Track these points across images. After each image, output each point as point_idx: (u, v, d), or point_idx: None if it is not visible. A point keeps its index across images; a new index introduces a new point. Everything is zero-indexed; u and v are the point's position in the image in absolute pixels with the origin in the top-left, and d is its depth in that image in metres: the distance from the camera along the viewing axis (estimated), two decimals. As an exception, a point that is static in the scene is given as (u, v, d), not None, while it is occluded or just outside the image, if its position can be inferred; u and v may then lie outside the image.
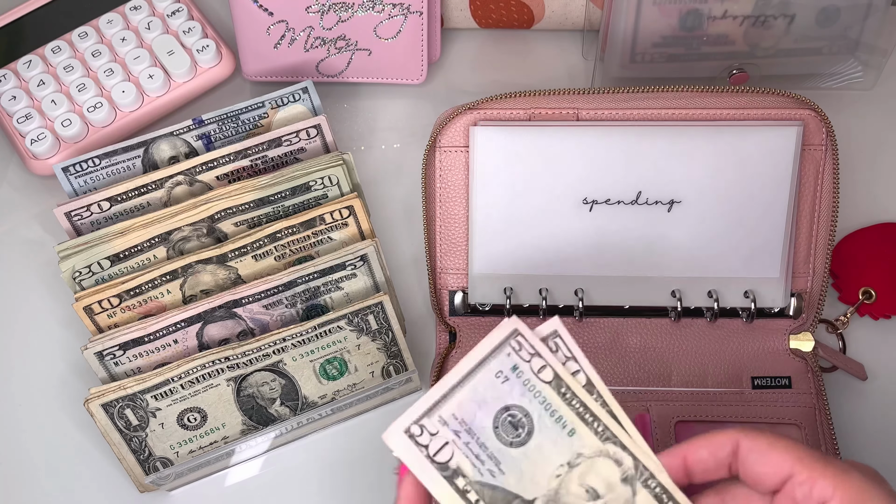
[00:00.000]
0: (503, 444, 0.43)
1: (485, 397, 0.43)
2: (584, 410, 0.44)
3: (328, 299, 0.58)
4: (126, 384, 0.55)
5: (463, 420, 0.43)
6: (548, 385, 0.44)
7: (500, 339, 0.44)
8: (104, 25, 0.68)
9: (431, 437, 0.43)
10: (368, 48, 0.66)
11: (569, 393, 0.44)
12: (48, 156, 0.65)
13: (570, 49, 0.71)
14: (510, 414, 0.43)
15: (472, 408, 0.43)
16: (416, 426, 0.43)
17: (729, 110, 0.57)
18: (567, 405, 0.44)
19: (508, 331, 0.44)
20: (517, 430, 0.43)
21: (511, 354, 0.44)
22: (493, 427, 0.43)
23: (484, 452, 0.43)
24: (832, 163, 0.58)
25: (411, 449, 0.43)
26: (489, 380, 0.44)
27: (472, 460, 0.43)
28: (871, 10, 0.61)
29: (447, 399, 0.43)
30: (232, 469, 0.59)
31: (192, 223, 0.58)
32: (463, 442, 0.43)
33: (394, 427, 0.43)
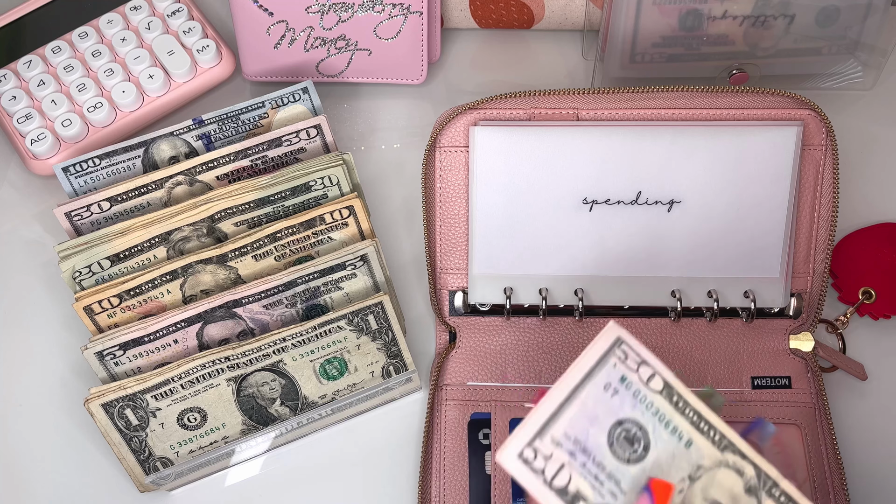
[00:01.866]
0: (620, 462, 0.40)
1: (596, 413, 0.40)
2: (699, 419, 0.41)
3: (328, 299, 0.58)
4: (126, 384, 0.55)
5: (577, 439, 0.40)
6: (659, 395, 0.41)
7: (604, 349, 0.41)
8: (104, 25, 0.68)
9: (546, 461, 0.40)
10: (368, 48, 0.66)
11: (681, 402, 0.41)
12: (48, 156, 0.65)
13: (570, 49, 0.71)
14: (624, 428, 0.41)
15: (583, 424, 0.40)
16: (528, 449, 0.40)
17: (729, 110, 0.57)
18: (681, 415, 0.41)
19: (612, 339, 0.41)
20: (633, 445, 0.41)
21: (617, 365, 0.41)
22: (609, 444, 0.40)
23: (602, 472, 0.40)
24: (832, 163, 0.58)
25: (527, 475, 0.39)
26: (598, 394, 0.41)
27: (591, 482, 0.40)
28: (870, 11, 0.61)
29: (557, 417, 0.40)
30: (232, 469, 0.59)
31: (193, 223, 0.58)
32: (579, 463, 0.40)
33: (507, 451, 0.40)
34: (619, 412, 0.41)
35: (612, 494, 0.40)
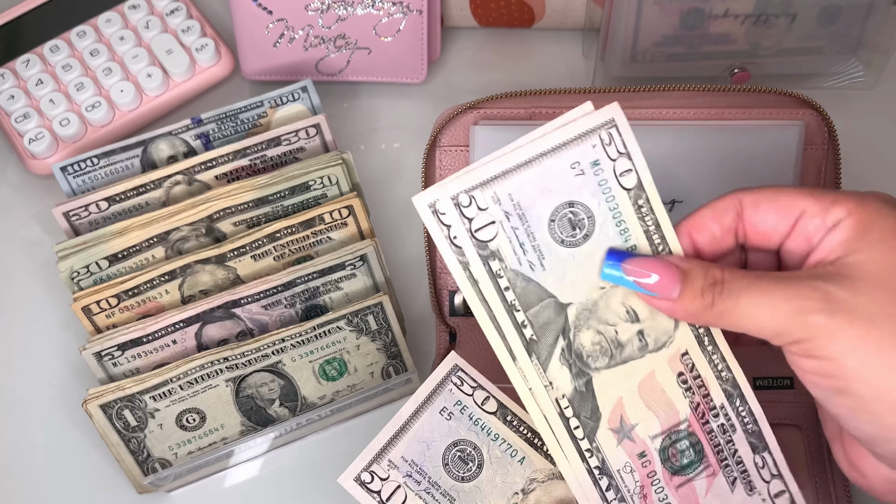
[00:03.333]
0: (553, 241, 0.40)
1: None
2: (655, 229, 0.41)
3: (328, 299, 0.58)
4: (124, 385, 0.55)
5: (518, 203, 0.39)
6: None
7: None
8: (103, 24, 0.68)
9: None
10: (368, 47, 0.66)
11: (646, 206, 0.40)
12: (46, 155, 0.64)
13: (571, 48, 0.70)
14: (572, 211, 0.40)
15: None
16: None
17: (730, 109, 0.57)
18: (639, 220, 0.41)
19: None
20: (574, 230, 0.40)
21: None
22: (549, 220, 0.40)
23: (530, 242, 0.40)
24: (834, 162, 0.58)
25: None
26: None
27: (514, 246, 0.39)
28: (872, 10, 0.61)
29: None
30: (231, 470, 0.59)
31: (191, 223, 0.58)
32: (511, 226, 0.39)
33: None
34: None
35: (529, 265, 0.39)
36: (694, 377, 0.41)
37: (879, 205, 0.38)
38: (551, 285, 0.40)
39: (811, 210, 0.39)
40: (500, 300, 0.39)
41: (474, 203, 0.39)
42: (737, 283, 0.38)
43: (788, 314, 0.37)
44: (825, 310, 0.36)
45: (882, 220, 0.38)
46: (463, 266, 0.39)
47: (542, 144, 0.39)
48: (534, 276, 0.39)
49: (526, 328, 0.39)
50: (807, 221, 0.39)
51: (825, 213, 0.39)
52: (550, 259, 0.39)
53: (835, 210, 0.38)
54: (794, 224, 0.39)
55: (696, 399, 0.41)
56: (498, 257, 0.39)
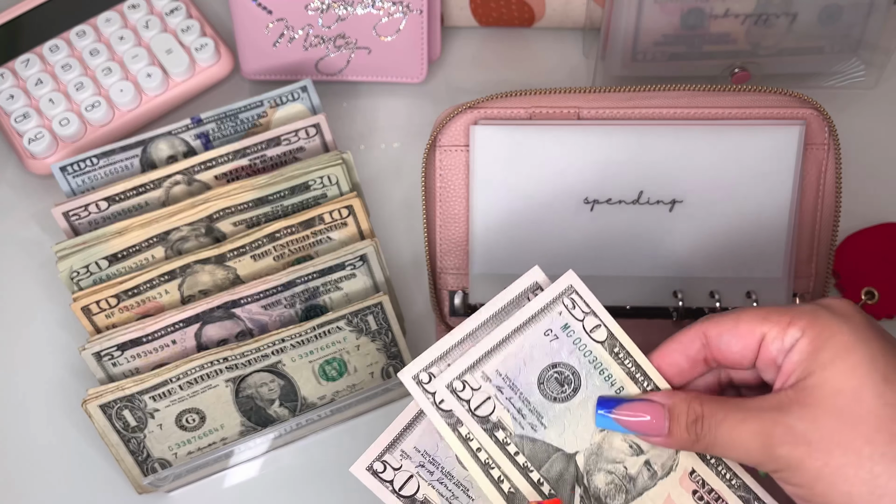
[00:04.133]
0: (547, 400, 0.43)
1: (532, 355, 0.43)
2: (636, 370, 0.43)
3: (327, 299, 0.58)
4: (124, 385, 0.55)
5: (507, 376, 0.43)
6: (600, 345, 0.44)
7: (555, 294, 0.44)
8: (102, 24, 0.68)
9: (474, 392, 0.43)
10: (368, 47, 0.66)
11: (622, 353, 0.43)
12: (46, 155, 0.64)
13: (571, 48, 0.70)
14: (557, 371, 0.43)
15: (517, 364, 0.43)
16: (458, 381, 0.43)
17: (731, 109, 0.57)
18: (619, 364, 0.44)
19: (563, 287, 0.44)
20: (562, 387, 0.43)
21: (563, 313, 0.44)
22: (538, 383, 0.43)
23: (526, 407, 0.43)
24: (835, 162, 0.58)
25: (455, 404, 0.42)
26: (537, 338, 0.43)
27: (513, 414, 0.43)
28: (873, 9, 0.61)
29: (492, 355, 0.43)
30: (231, 470, 0.59)
31: (191, 223, 0.58)
32: (505, 397, 0.43)
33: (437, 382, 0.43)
34: (555, 357, 0.44)
35: (531, 427, 0.43)
36: (708, 491, 0.43)
37: (831, 320, 0.40)
38: (555, 440, 0.43)
39: (770, 334, 0.41)
40: (512, 465, 0.42)
41: (468, 386, 0.43)
42: (714, 418, 0.41)
43: (759, 449, 0.40)
44: (788, 443, 0.39)
45: (833, 337, 0.39)
46: (451, 427, 0.42)
47: (516, 321, 0.43)
48: (538, 436, 0.43)
49: (543, 485, 0.42)
50: (768, 345, 0.41)
51: (783, 334, 0.41)
52: (548, 416, 0.43)
53: (790, 331, 0.40)
54: (758, 349, 0.42)
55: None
56: (501, 427, 0.43)
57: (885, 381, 0.38)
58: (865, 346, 0.39)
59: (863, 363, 0.39)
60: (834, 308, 0.41)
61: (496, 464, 0.42)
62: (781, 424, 0.39)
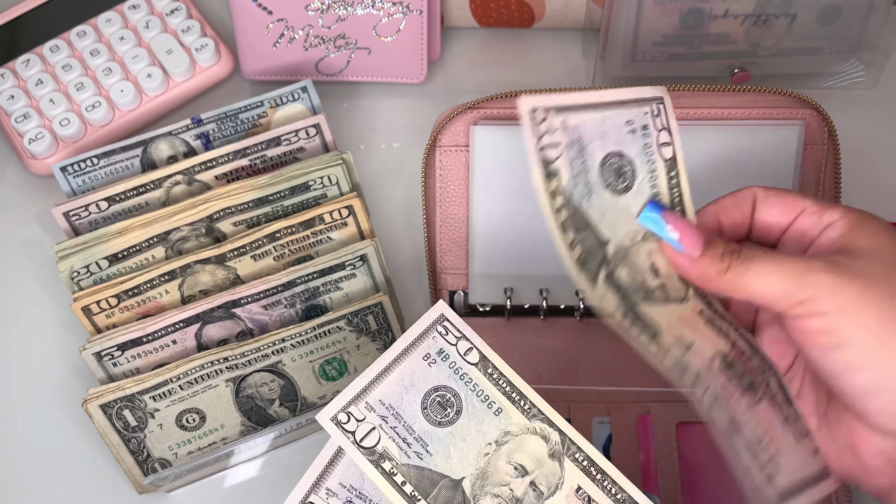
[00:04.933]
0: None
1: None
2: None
3: (327, 299, 0.58)
4: (124, 385, 0.55)
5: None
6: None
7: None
8: (103, 24, 0.68)
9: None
10: (368, 47, 0.66)
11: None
12: (46, 155, 0.64)
13: (571, 48, 0.70)
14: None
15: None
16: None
17: (730, 109, 0.57)
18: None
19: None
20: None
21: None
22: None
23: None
24: (834, 162, 0.58)
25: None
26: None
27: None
28: (872, 10, 0.61)
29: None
30: (231, 470, 0.59)
31: (191, 223, 0.58)
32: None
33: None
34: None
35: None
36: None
37: (866, 213, 0.44)
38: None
39: (810, 209, 0.44)
40: (400, 497, 0.43)
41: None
42: (752, 252, 0.42)
43: (796, 274, 0.40)
44: (830, 270, 0.40)
45: (871, 220, 0.43)
46: (374, 464, 0.43)
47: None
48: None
49: None
50: (805, 218, 0.44)
51: (822, 212, 0.44)
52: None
53: (830, 212, 0.43)
54: (792, 220, 0.44)
55: None
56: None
57: None
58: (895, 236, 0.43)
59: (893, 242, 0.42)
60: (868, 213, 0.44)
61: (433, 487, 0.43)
62: (824, 259, 0.41)
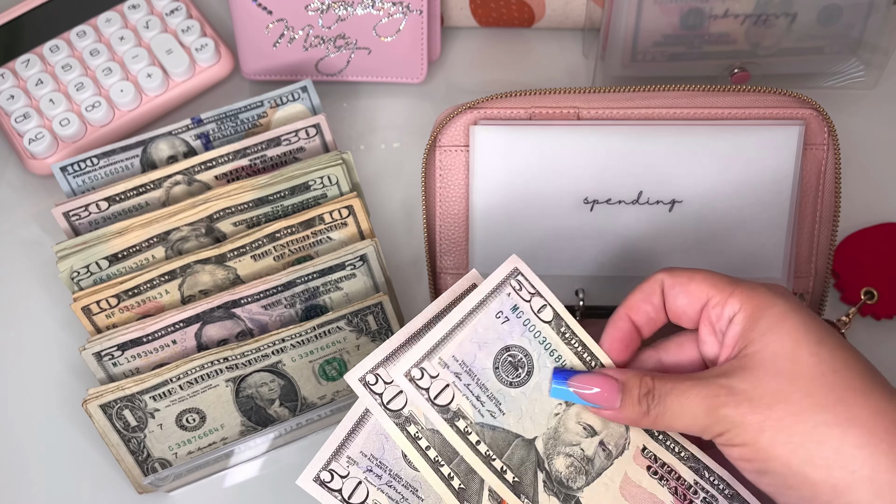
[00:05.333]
0: (503, 385, 0.44)
1: (485, 338, 0.44)
2: (583, 350, 0.45)
3: (327, 299, 0.58)
4: (124, 385, 0.55)
5: (463, 362, 0.43)
6: (548, 325, 0.44)
7: (500, 279, 0.44)
8: (102, 24, 0.68)
9: (432, 380, 0.43)
10: (368, 47, 0.66)
11: (568, 332, 0.45)
12: (46, 155, 0.64)
13: (571, 48, 0.70)
14: (510, 354, 0.44)
15: (472, 349, 0.43)
16: (416, 369, 0.43)
17: (730, 109, 0.57)
18: (566, 344, 0.45)
19: (509, 270, 0.44)
20: (517, 371, 0.44)
21: (511, 294, 0.44)
22: (493, 368, 0.44)
23: (484, 394, 0.43)
24: (834, 162, 0.58)
25: (412, 392, 0.42)
26: (489, 320, 0.44)
27: (472, 401, 0.43)
28: (872, 10, 0.61)
29: (447, 341, 0.43)
30: (231, 470, 0.59)
31: (191, 223, 0.58)
32: (464, 384, 0.43)
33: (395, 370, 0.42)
34: (507, 339, 0.44)
35: (491, 414, 0.43)
36: (660, 465, 0.45)
37: (766, 295, 0.43)
38: (514, 426, 0.44)
39: (713, 300, 0.44)
40: (475, 455, 0.42)
41: (426, 374, 0.43)
42: (663, 388, 0.43)
43: (704, 412, 0.42)
44: (731, 403, 0.41)
45: (768, 309, 0.43)
46: (400, 427, 0.42)
47: (468, 305, 0.44)
48: (497, 423, 0.43)
49: (507, 473, 0.43)
50: (710, 309, 0.44)
51: (724, 303, 0.44)
52: (506, 403, 0.44)
53: (731, 301, 0.43)
54: (701, 310, 0.45)
55: (672, 484, 0.45)
56: (461, 416, 0.43)
57: (819, 343, 0.41)
58: (798, 315, 0.42)
59: (797, 329, 0.42)
60: (769, 287, 0.44)
61: (457, 454, 0.43)
62: (725, 387, 0.42)
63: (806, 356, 0.41)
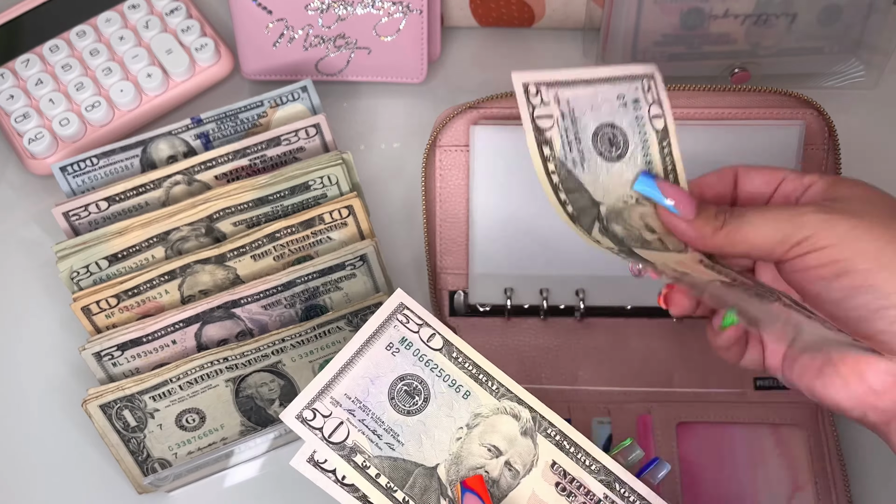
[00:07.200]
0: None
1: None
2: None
3: (327, 299, 0.58)
4: (124, 385, 0.55)
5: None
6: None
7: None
8: (102, 24, 0.68)
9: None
10: (368, 47, 0.66)
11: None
12: (46, 155, 0.64)
13: (571, 48, 0.70)
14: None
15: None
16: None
17: (730, 109, 0.57)
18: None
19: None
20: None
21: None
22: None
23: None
24: (834, 162, 0.58)
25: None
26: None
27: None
28: (872, 10, 0.61)
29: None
30: (231, 470, 0.59)
31: (191, 223, 0.58)
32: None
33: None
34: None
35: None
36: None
37: (844, 178, 0.46)
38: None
39: (790, 176, 0.47)
40: (375, 489, 0.43)
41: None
42: (744, 208, 0.45)
43: (789, 217, 0.43)
44: (821, 210, 0.43)
45: (847, 179, 0.46)
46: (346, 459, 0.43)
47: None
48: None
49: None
50: (786, 184, 0.46)
51: (801, 177, 0.46)
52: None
53: (808, 176, 0.46)
54: (775, 189, 0.47)
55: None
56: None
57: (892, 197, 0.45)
58: (870, 186, 0.45)
59: (869, 190, 0.45)
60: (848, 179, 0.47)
61: (409, 477, 0.43)
62: (811, 203, 0.44)
63: (879, 199, 0.44)
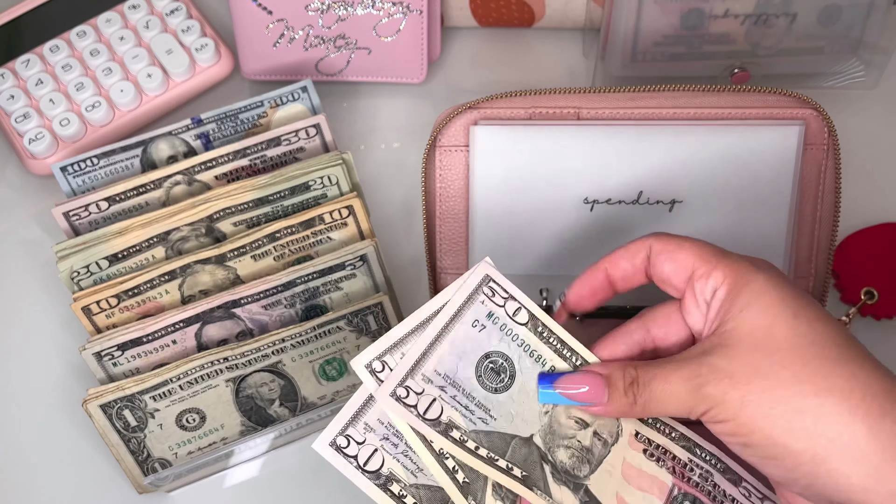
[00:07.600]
0: (488, 392, 0.44)
1: (464, 349, 0.44)
2: (563, 347, 0.45)
3: (327, 299, 0.58)
4: (124, 385, 0.55)
5: (446, 374, 0.44)
6: (524, 327, 0.45)
7: (472, 288, 0.45)
8: (102, 24, 0.68)
9: (419, 397, 0.43)
10: (368, 47, 0.66)
11: (546, 331, 0.45)
12: (46, 155, 0.64)
13: (571, 48, 0.70)
14: (491, 361, 0.45)
15: (452, 361, 0.44)
16: (401, 388, 0.43)
17: (730, 109, 0.57)
18: (545, 344, 0.45)
19: (480, 277, 0.45)
20: (500, 376, 0.44)
21: (485, 302, 0.45)
22: (476, 376, 0.44)
23: (472, 402, 0.44)
24: (834, 162, 0.58)
25: (401, 411, 0.42)
26: (466, 330, 0.44)
27: (461, 412, 0.43)
28: (872, 9, 0.61)
29: (427, 357, 0.43)
30: (231, 470, 0.59)
31: (191, 223, 0.58)
32: (450, 395, 0.43)
33: (380, 391, 0.42)
34: (486, 346, 0.44)
35: (482, 421, 0.43)
36: (655, 448, 0.46)
37: (748, 270, 0.43)
38: (508, 428, 0.44)
39: (698, 271, 0.44)
40: (478, 460, 0.43)
41: (411, 391, 0.43)
42: (647, 375, 0.43)
43: (688, 393, 0.42)
44: (712, 381, 0.42)
45: (748, 284, 0.43)
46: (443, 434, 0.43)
47: (443, 319, 0.44)
48: (491, 428, 0.44)
49: (513, 469, 0.43)
50: (695, 281, 0.45)
51: (708, 276, 0.44)
52: (495, 408, 0.44)
53: (714, 274, 0.44)
54: (687, 279, 0.45)
55: (669, 464, 0.46)
56: (454, 426, 0.43)
57: (795, 317, 0.42)
58: (777, 289, 0.42)
59: (775, 303, 0.42)
60: (753, 261, 0.44)
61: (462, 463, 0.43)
62: (706, 365, 0.42)
63: (782, 329, 0.42)
